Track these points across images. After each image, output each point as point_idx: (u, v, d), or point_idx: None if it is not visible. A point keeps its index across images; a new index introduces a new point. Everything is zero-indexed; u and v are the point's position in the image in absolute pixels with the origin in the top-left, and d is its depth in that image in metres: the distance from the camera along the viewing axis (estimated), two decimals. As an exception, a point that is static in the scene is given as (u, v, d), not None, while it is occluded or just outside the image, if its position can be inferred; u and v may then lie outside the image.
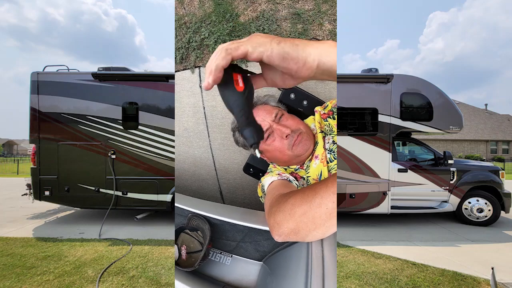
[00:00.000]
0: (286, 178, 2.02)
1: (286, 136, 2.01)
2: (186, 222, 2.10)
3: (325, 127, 2.24)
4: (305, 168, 2.13)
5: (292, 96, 2.55)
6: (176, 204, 2.18)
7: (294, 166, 2.19)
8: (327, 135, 2.18)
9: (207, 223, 2.00)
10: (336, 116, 2.25)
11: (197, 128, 3.25)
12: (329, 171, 1.98)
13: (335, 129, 2.21)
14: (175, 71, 3.29)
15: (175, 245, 2.01)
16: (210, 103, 3.15)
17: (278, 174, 2.09)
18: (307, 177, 2.07)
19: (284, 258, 1.87)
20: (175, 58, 3.31)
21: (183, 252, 1.94)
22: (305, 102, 2.55)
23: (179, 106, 3.25)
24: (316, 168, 2.01)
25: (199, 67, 3.20)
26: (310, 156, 2.11)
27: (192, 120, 3.24)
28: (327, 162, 2.00)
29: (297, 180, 2.06)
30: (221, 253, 2.09)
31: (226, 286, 1.97)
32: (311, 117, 2.39)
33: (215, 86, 0.93)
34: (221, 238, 2.08)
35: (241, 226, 1.98)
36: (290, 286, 1.60)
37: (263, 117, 2.12)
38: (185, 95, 3.24)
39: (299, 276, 1.58)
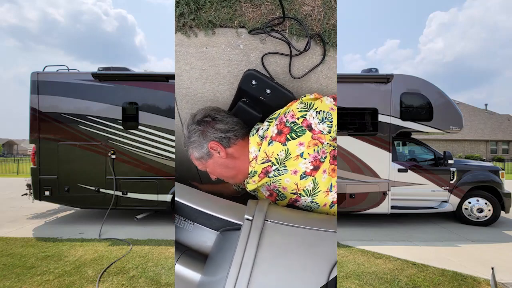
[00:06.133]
0: None
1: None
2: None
3: (276, 154, 2.03)
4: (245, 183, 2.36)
5: (254, 82, 2.34)
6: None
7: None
8: (277, 164, 2.09)
9: None
10: (296, 130, 2.00)
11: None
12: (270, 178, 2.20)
13: (292, 150, 2.02)
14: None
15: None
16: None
17: None
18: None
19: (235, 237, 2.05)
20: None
21: None
22: (268, 91, 2.34)
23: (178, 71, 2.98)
24: (253, 185, 2.28)
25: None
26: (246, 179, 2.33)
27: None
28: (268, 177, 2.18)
29: None
30: (185, 220, 2.24)
31: (187, 251, 2.15)
32: (255, 138, 2.15)
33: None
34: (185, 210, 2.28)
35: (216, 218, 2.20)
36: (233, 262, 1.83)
37: (192, 158, 2.29)
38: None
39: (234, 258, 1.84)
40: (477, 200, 5.43)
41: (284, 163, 2.02)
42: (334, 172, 2.06)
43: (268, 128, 2.07)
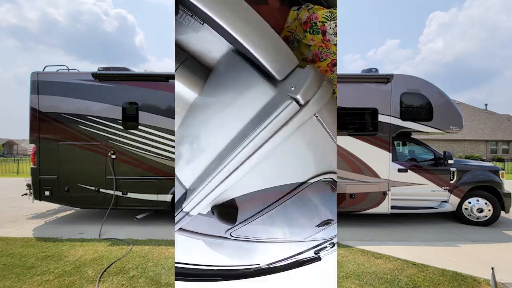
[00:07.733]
0: None
1: None
2: None
3: (296, 34, 2.61)
4: None
5: None
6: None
7: None
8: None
9: None
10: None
11: None
12: None
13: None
14: None
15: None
16: None
17: None
18: None
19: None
20: None
21: None
22: None
23: None
24: None
25: None
26: None
27: None
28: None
29: None
30: (192, 16, 2.04)
31: (188, 59, 2.08)
32: None
33: None
34: None
35: None
36: None
37: None
38: None
39: None
40: (477, 200, 5.43)
41: (298, 43, 2.64)
42: (326, 72, 2.63)
43: (301, 12, 2.65)
